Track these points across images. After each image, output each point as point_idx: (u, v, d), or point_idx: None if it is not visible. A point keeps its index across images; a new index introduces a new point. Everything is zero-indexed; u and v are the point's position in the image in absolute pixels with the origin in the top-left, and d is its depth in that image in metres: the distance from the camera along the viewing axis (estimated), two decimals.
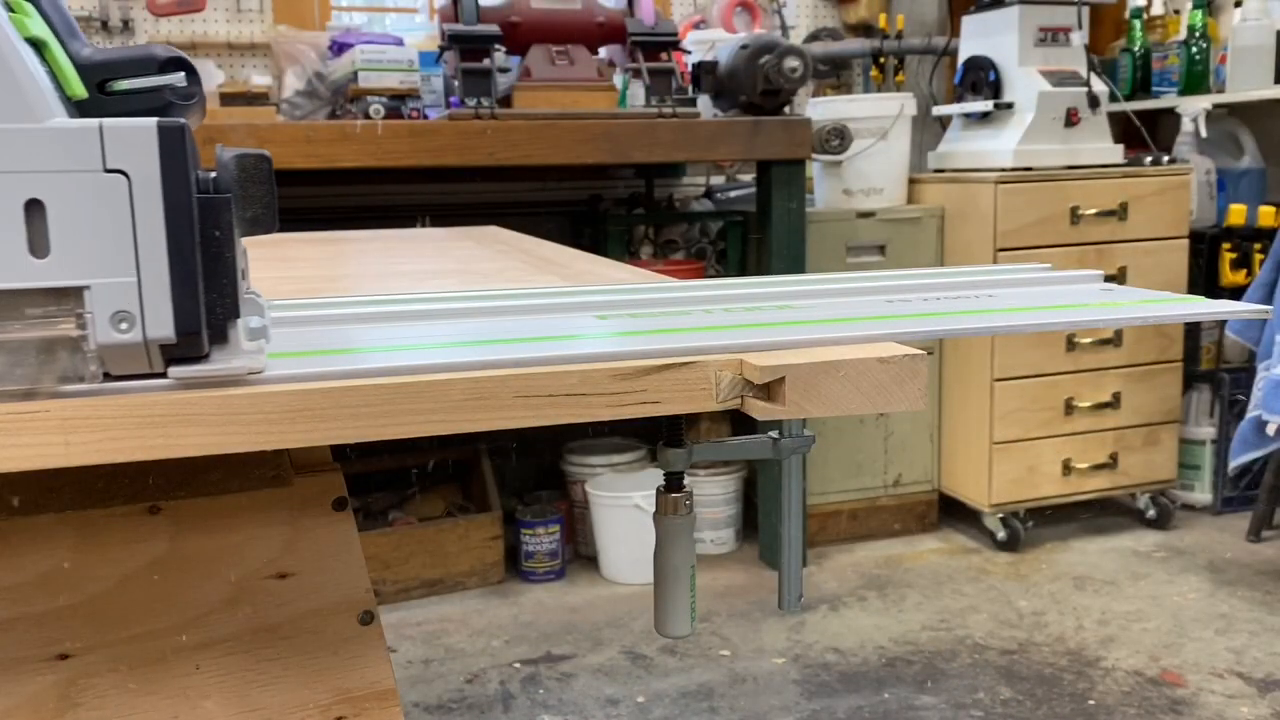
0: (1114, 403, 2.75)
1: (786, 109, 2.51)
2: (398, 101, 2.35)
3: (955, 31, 3.11)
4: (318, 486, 0.71)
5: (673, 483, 0.80)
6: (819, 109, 2.85)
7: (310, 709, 0.69)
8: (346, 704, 0.70)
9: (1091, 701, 1.97)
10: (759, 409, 0.61)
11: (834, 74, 3.34)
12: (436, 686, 2.10)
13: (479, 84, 2.25)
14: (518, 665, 2.18)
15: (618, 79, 2.60)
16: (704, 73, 2.55)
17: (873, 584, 2.54)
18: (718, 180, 3.12)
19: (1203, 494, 2.94)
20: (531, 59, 2.41)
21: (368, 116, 2.28)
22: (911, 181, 2.91)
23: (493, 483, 2.69)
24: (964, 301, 0.82)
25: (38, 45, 0.54)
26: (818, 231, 2.67)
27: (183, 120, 0.53)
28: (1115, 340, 2.74)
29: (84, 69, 0.56)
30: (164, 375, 0.54)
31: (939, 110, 3.04)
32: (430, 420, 0.56)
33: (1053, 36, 2.77)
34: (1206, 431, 2.91)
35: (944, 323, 0.72)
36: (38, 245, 0.51)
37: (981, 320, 0.74)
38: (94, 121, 0.52)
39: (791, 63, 2.39)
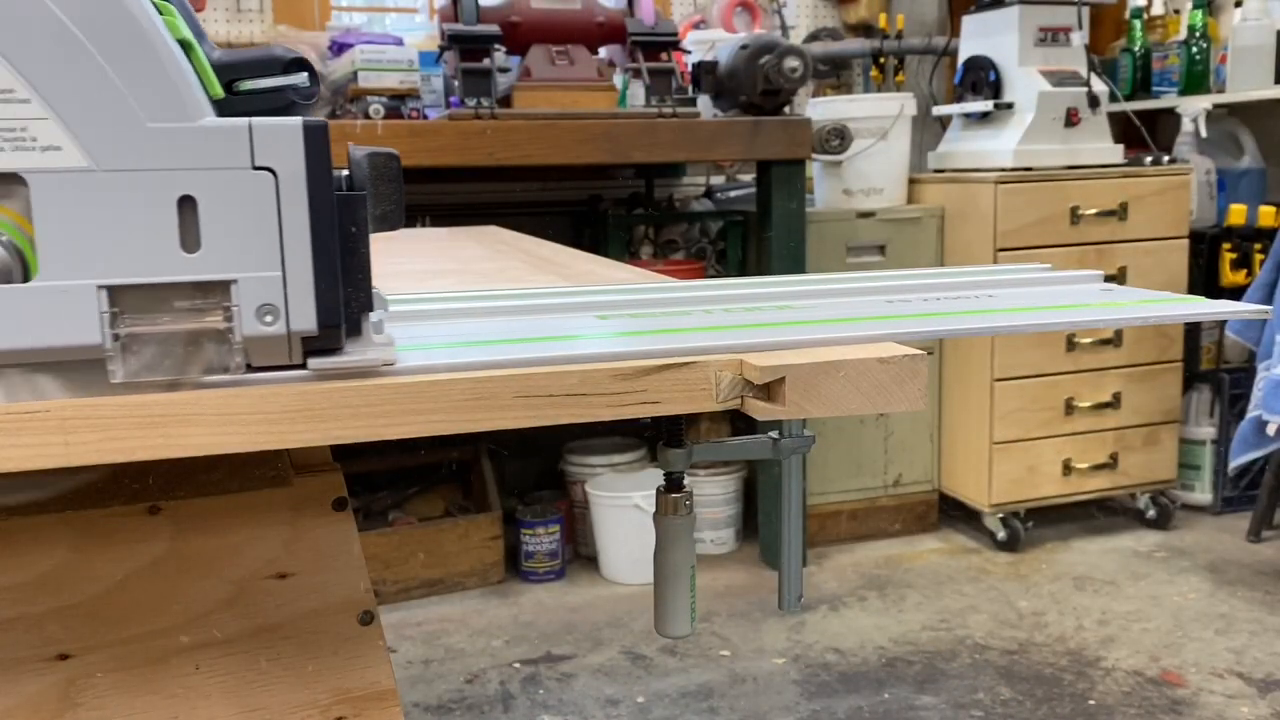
0: (1114, 403, 2.75)
1: (786, 109, 2.51)
2: (398, 101, 2.35)
3: (955, 31, 3.11)
4: (318, 486, 0.71)
5: (673, 483, 0.80)
6: (819, 109, 2.85)
7: (310, 709, 0.69)
8: (346, 704, 0.70)
9: (1091, 702, 1.97)
10: (759, 409, 0.61)
11: (834, 74, 3.33)
12: (436, 686, 2.10)
13: (479, 84, 2.25)
14: (518, 665, 2.18)
15: (618, 79, 2.60)
16: (704, 73, 2.54)
17: (873, 584, 2.54)
18: (718, 180, 3.12)
19: (1203, 494, 2.94)
20: (531, 59, 2.41)
21: (368, 116, 2.28)
22: (911, 181, 2.91)
23: (493, 483, 2.69)
24: (964, 301, 0.82)
25: (186, 46, 0.55)
26: (818, 231, 2.67)
27: (324, 120, 0.55)
28: (1115, 340, 2.74)
29: (215, 69, 0.58)
30: (303, 366, 0.56)
31: (939, 110, 3.04)
32: (430, 420, 0.56)
33: (1053, 36, 2.77)
34: (1206, 431, 2.91)
35: (944, 323, 0.72)
36: (189, 240, 0.52)
37: (982, 320, 0.74)
38: (243, 120, 0.53)
39: (791, 63, 2.39)
